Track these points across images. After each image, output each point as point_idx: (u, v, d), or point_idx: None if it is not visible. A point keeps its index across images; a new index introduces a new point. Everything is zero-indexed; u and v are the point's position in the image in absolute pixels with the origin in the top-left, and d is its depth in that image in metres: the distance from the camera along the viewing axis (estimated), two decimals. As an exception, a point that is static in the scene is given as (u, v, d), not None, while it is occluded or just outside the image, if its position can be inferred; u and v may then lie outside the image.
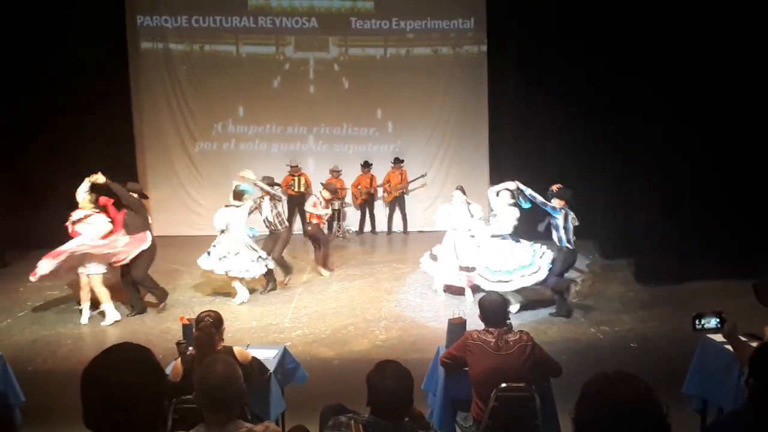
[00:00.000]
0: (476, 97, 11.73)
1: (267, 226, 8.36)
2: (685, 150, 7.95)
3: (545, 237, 7.28)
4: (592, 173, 9.82)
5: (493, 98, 11.41)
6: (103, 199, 7.28)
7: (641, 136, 8.35)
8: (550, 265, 7.03)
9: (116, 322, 7.16)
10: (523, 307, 7.33)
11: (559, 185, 7.10)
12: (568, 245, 6.99)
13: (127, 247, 7.17)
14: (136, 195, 7.35)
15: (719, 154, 7.91)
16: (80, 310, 7.30)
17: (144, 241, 7.25)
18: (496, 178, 11.28)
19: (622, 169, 9.10)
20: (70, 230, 7.13)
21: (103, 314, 7.20)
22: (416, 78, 11.90)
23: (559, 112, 10.08)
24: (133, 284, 7.40)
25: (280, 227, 8.31)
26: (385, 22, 11.85)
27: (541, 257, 7.09)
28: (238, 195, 7.76)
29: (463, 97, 11.90)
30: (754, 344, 2.92)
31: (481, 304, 3.93)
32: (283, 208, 8.45)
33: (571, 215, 6.99)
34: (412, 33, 11.90)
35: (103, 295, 7.15)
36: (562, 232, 6.96)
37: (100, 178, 7.15)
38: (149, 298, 7.69)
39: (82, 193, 7.12)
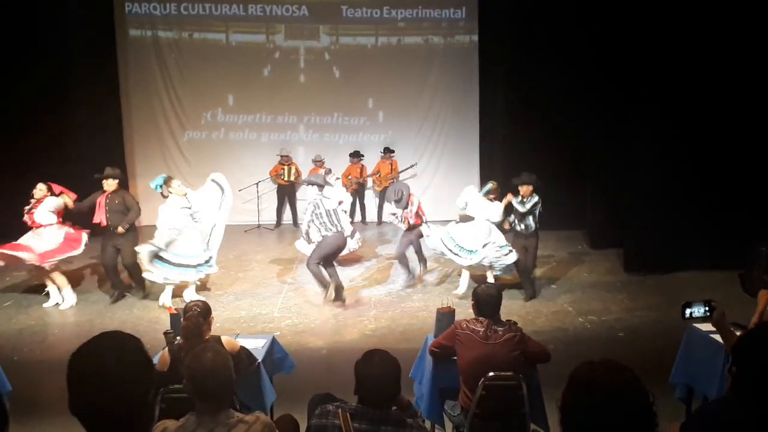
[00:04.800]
0: (467, 87, 11.72)
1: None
2: (675, 141, 7.99)
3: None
4: (583, 163, 9.86)
5: (484, 88, 11.40)
6: (57, 188, 7.34)
7: (632, 127, 8.37)
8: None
9: (73, 306, 7.30)
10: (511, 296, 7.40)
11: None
12: (535, 227, 7.36)
13: (60, 246, 7.22)
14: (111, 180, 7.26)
15: (709, 145, 7.96)
16: (48, 294, 7.43)
17: (76, 245, 7.26)
18: (486, 167, 11.34)
19: (612, 159, 9.12)
20: (29, 221, 7.24)
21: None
22: (407, 67, 11.86)
23: (550, 102, 10.09)
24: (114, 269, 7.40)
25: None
26: (376, 11, 11.78)
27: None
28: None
29: (455, 87, 11.88)
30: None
31: (476, 295, 3.93)
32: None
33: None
34: (404, 22, 11.84)
35: (61, 279, 7.32)
36: (535, 218, 7.33)
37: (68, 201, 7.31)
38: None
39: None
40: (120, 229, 7.15)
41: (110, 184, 7.27)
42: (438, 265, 8.79)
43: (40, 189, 7.26)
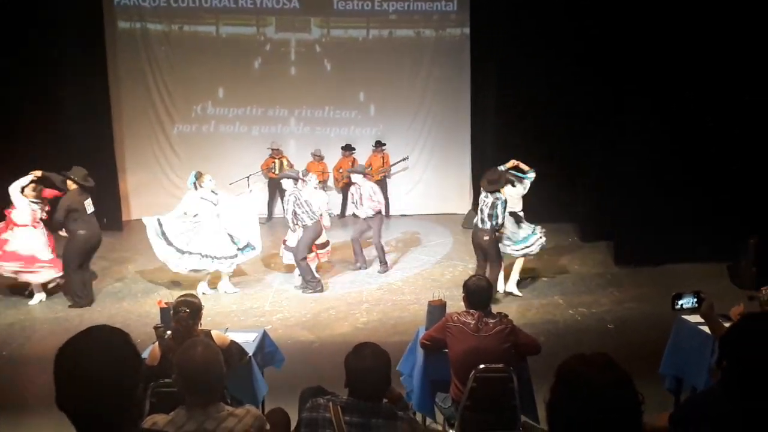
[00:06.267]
0: (459, 80, 11.69)
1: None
2: (666, 133, 8.02)
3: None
4: (574, 155, 9.88)
5: (475, 81, 11.38)
6: (47, 192, 7.23)
7: (623, 118, 8.40)
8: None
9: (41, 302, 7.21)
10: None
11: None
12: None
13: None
14: (73, 181, 6.92)
15: (700, 137, 7.99)
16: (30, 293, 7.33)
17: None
18: (477, 160, 11.35)
19: (602, 151, 9.15)
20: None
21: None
22: (399, 60, 11.80)
23: (541, 95, 10.08)
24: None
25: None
26: (367, 3, 11.71)
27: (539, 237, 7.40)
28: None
29: (446, 80, 11.84)
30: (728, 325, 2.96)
31: (467, 287, 3.94)
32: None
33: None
34: (395, 15, 11.78)
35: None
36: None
37: (38, 173, 7.16)
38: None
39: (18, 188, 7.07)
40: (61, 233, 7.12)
41: (69, 185, 6.97)
42: (429, 257, 8.80)
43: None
